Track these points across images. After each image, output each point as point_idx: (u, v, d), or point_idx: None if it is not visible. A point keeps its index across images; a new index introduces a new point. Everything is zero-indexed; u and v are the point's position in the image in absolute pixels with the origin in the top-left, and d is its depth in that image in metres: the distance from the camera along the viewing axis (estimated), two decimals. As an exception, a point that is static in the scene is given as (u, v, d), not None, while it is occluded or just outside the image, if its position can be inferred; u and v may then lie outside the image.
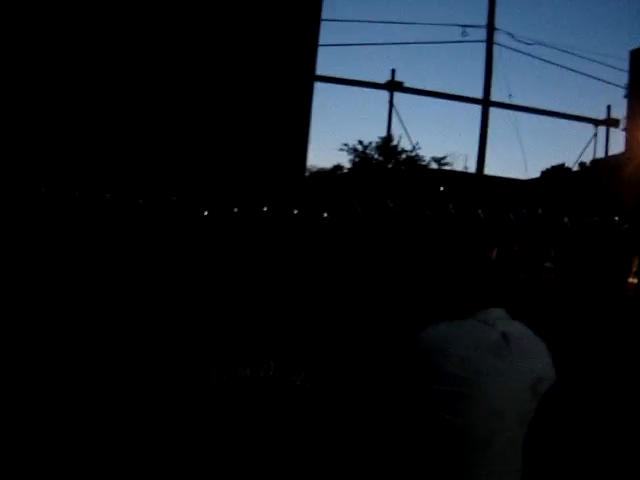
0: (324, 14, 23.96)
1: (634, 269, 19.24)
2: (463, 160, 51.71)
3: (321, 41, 24.23)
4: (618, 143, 67.57)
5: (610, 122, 33.73)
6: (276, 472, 2.21)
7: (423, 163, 28.42)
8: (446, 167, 29.01)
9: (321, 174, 30.14)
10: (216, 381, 2.23)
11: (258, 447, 2.22)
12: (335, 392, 2.38)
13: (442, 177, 26.70)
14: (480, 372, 2.42)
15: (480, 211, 19.02)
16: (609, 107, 34.05)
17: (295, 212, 16.59)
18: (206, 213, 16.05)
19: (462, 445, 2.40)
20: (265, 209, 16.11)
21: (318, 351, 2.41)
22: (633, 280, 18.80)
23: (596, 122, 33.69)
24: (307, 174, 28.69)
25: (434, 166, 28.73)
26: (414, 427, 2.45)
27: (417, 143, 30.92)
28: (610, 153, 34.76)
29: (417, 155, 28.22)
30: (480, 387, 2.42)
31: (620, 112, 41.38)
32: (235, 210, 15.86)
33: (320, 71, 24.79)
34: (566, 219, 20.79)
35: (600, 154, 34.49)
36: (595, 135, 33.96)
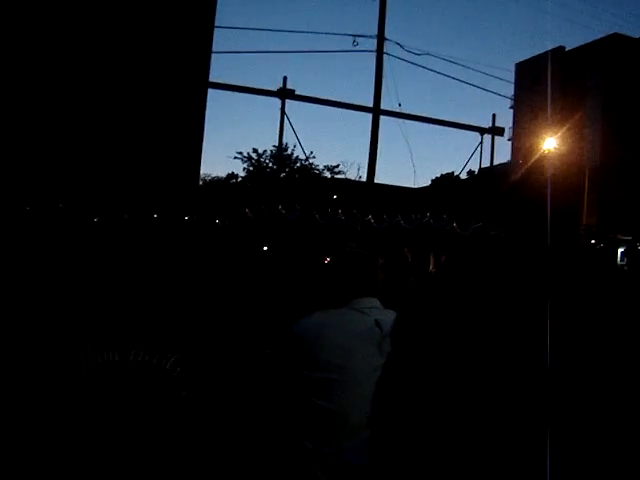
0: (218, 21, 23.90)
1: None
2: (356, 168, 52.55)
3: (215, 48, 24.21)
4: (503, 152, 70.40)
5: (495, 131, 34.96)
6: (147, 457, 2.21)
7: (317, 172, 28.70)
8: (339, 175, 29.36)
9: (215, 182, 29.93)
10: (84, 367, 2.21)
11: (128, 432, 2.21)
12: (207, 377, 2.39)
13: (335, 185, 27.04)
14: (353, 358, 2.47)
15: (370, 217, 19.46)
16: (494, 116, 35.28)
17: (186, 218, 16.47)
18: (96, 220, 15.74)
19: (338, 430, 2.44)
20: (155, 216, 15.93)
21: (191, 337, 2.41)
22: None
23: (482, 130, 34.84)
24: (201, 183, 28.49)
25: (327, 175, 29.04)
26: (290, 415, 2.48)
27: (312, 152, 31.14)
28: (495, 162, 36.23)
29: (311, 164, 28.46)
30: (353, 373, 2.46)
31: (506, 122, 43.05)
32: (125, 217, 15.62)
33: (213, 78, 24.68)
34: (455, 224, 21.50)
35: (486, 162, 35.81)
36: (481, 143, 35.13)
